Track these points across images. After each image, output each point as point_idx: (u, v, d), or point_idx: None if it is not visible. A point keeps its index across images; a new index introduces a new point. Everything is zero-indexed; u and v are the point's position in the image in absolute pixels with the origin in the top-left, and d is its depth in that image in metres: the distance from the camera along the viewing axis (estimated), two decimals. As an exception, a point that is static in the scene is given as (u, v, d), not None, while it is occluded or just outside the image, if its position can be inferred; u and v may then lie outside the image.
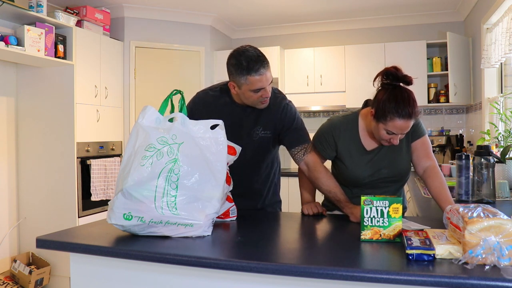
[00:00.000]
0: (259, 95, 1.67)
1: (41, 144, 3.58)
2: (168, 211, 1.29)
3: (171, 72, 4.46)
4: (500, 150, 2.62)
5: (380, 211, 1.27)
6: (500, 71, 3.53)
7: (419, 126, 1.72)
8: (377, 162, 1.71)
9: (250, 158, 1.81)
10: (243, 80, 1.63)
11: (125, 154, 1.37)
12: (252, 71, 1.60)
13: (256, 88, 1.64)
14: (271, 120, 1.79)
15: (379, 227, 1.27)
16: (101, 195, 3.73)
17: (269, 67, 1.66)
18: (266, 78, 1.63)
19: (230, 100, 1.80)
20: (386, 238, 1.27)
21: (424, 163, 1.70)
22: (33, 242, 1.68)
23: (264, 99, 1.69)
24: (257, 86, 1.63)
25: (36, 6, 3.24)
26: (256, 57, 1.62)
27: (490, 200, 1.89)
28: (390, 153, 1.71)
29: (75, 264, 1.36)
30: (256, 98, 1.68)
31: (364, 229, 1.28)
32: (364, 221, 1.28)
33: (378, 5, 4.31)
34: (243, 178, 1.79)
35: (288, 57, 4.73)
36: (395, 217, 1.27)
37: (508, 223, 1.00)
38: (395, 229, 1.26)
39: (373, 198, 1.28)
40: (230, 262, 1.10)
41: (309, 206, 1.75)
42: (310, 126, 1.99)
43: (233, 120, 1.74)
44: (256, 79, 1.61)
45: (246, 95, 1.68)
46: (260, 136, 1.80)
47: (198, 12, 4.47)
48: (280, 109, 1.78)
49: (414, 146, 1.72)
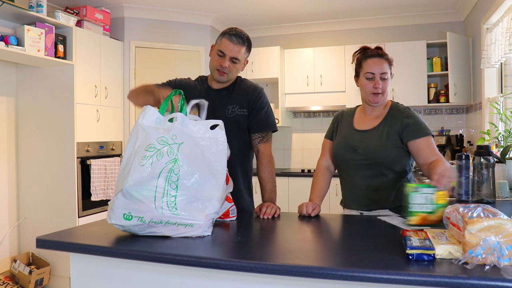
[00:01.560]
0: (219, 62, 1.81)
1: (41, 144, 3.58)
2: (168, 211, 1.29)
3: (171, 72, 4.43)
4: (500, 150, 2.62)
5: (426, 198, 1.35)
6: (500, 71, 3.53)
7: (419, 125, 1.72)
8: (358, 141, 1.79)
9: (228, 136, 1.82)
10: (218, 40, 1.84)
11: (125, 154, 1.37)
12: (227, 35, 1.81)
13: (221, 50, 1.80)
14: (246, 99, 1.89)
15: (425, 213, 1.35)
16: (101, 195, 3.73)
17: (244, 48, 1.82)
18: (233, 48, 1.79)
19: (207, 86, 1.94)
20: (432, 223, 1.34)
21: (431, 160, 1.66)
22: (33, 242, 1.68)
23: (220, 67, 1.81)
24: (222, 48, 1.80)
25: (36, 6, 3.24)
26: (239, 31, 1.83)
27: (490, 200, 1.89)
28: (373, 136, 1.77)
29: (75, 264, 1.36)
30: (216, 62, 1.82)
31: (411, 215, 1.36)
32: (410, 207, 1.36)
33: (378, 5, 4.31)
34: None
35: (288, 57, 4.73)
36: (441, 204, 1.35)
37: (508, 223, 1.00)
38: (441, 214, 1.32)
39: (419, 185, 1.37)
40: (230, 262, 1.10)
41: (303, 206, 1.73)
42: (310, 126, 2.01)
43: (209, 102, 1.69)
44: (226, 42, 1.80)
45: (212, 56, 1.85)
46: (236, 113, 1.87)
47: (198, 12, 4.47)
48: (256, 92, 1.91)
49: (417, 146, 1.70)
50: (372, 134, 1.78)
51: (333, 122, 1.96)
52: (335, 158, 1.88)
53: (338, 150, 1.84)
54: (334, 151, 1.87)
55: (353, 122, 1.87)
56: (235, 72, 1.86)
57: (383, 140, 1.74)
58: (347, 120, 1.90)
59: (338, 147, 1.85)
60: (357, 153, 1.76)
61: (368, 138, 1.78)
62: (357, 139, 1.80)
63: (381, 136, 1.75)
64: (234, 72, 1.85)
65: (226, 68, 1.81)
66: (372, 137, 1.77)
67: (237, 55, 1.81)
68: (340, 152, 1.83)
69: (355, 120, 1.88)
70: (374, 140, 1.76)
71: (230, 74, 1.84)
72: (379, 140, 1.75)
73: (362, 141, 1.78)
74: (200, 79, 1.99)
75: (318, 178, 1.91)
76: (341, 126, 1.91)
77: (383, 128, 1.77)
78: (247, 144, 1.93)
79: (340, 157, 1.84)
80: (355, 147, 1.78)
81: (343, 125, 1.90)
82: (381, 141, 1.75)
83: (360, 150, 1.76)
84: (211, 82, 1.94)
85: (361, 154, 1.76)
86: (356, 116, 1.89)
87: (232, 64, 1.82)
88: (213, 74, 1.86)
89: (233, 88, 1.91)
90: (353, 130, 1.84)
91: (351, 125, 1.87)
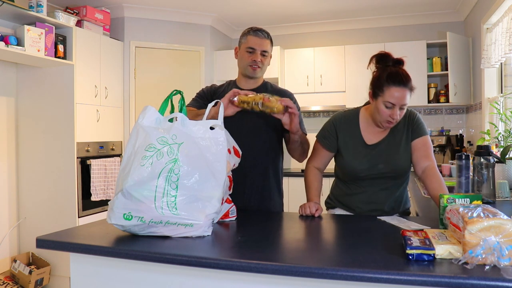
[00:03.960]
0: (250, 58, 1.87)
1: (41, 144, 3.58)
2: (168, 211, 1.29)
3: (171, 72, 4.46)
4: (500, 150, 2.62)
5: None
6: (500, 71, 3.53)
7: (421, 125, 1.74)
8: (375, 157, 1.73)
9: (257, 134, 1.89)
10: (243, 40, 1.91)
11: (125, 154, 1.37)
12: (252, 32, 1.89)
13: (249, 46, 1.86)
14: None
15: None
16: (101, 195, 3.73)
17: (269, 41, 1.90)
18: (260, 42, 1.87)
19: (236, 87, 1.93)
20: None
21: (423, 164, 1.70)
22: (33, 242, 1.68)
23: (253, 63, 1.87)
24: (250, 44, 1.86)
25: (36, 6, 3.24)
26: (260, 28, 1.91)
27: (490, 200, 1.89)
28: (389, 149, 1.73)
29: (75, 264, 1.36)
30: (247, 59, 1.87)
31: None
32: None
33: (378, 5, 4.31)
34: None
35: (288, 57, 4.73)
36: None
37: (508, 223, 1.00)
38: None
39: (455, 196, 1.35)
40: (230, 262, 1.10)
41: (305, 206, 1.72)
42: (310, 126, 2.01)
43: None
44: (253, 38, 1.87)
45: (241, 55, 1.90)
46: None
47: (198, 12, 4.47)
48: (289, 95, 1.95)
49: (414, 145, 1.72)
50: (387, 145, 1.74)
51: (330, 131, 1.81)
52: (351, 173, 1.77)
53: (357, 167, 1.74)
54: (350, 167, 1.76)
55: (362, 136, 1.77)
56: (266, 66, 1.93)
57: (401, 150, 1.72)
58: (353, 132, 1.78)
59: (355, 164, 1.75)
60: (377, 167, 1.73)
61: (385, 151, 1.73)
62: (375, 154, 1.73)
63: (396, 147, 1.73)
64: (265, 66, 1.92)
65: (259, 62, 1.87)
66: (388, 149, 1.73)
67: (266, 47, 1.88)
68: (360, 168, 1.74)
69: (363, 133, 1.77)
70: (393, 152, 1.73)
71: (263, 67, 1.91)
72: (397, 151, 1.72)
73: (380, 155, 1.73)
74: (228, 83, 2.02)
75: (312, 178, 1.85)
76: (345, 137, 1.79)
77: (394, 136, 1.75)
78: (278, 143, 1.97)
79: (358, 173, 1.75)
80: (374, 162, 1.73)
81: (347, 137, 1.78)
82: (399, 151, 1.72)
83: (380, 164, 1.72)
84: (240, 83, 1.97)
85: (382, 168, 1.72)
86: (362, 128, 1.78)
87: (263, 57, 1.89)
88: (246, 71, 1.90)
89: (262, 90, 1.90)
90: (365, 144, 1.76)
91: (360, 139, 1.77)
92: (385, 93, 1.60)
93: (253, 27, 1.92)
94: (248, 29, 1.92)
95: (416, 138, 1.72)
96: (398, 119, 1.63)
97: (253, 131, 1.89)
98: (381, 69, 1.66)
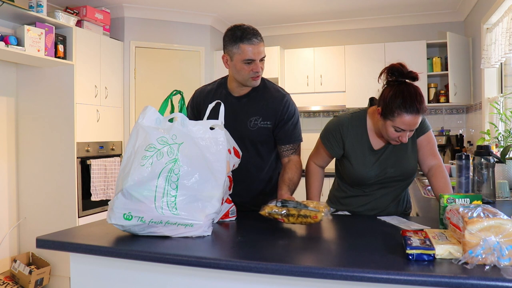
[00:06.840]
0: (250, 69, 1.66)
1: (41, 144, 3.58)
2: (168, 211, 1.29)
3: (171, 72, 4.46)
4: (500, 150, 2.62)
5: None
6: (500, 71, 3.53)
7: (423, 121, 1.70)
8: (383, 162, 1.68)
9: (250, 148, 1.79)
10: (235, 49, 1.65)
11: (125, 154, 1.37)
12: (245, 39, 1.63)
13: (247, 58, 1.64)
14: (272, 110, 1.76)
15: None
16: (101, 195, 3.73)
17: (263, 43, 1.68)
18: (258, 50, 1.65)
19: (226, 92, 1.81)
20: None
21: (430, 162, 1.69)
22: (33, 242, 1.68)
23: (255, 74, 1.68)
24: (248, 56, 1.64)
25: (36, 6, 3.24)
26: (250, 29, 1.66)
27: (490, 200, 1.89)
28: (396, 152, 1.69)
29: (75, 264, 1.36)
30: (247, 71, 1.67)
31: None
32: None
33: (378, 5, 4.31)
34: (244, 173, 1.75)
35: (288, 57, 4.73)
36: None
37: (508, 223, 1.00)
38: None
39: (455, 196, 1.34)
40: (230, 262, 1.10)
41: None
42: (310, 126, 1.99)
43: (228, 110, 1.67)
44: (247, 48, 1.63)
45: (238, 67, 1.67)
46: (259, 126, 1.76)
47: (198, 12, 4.47)
48: (283, 102, 1.77)
49: (420, 142, 1.71)
50: (394, 148, 1.69)
51: (335, 135, 1.71)
52: (359, 180, 1.70)
53: (366, 175, 1.68)
54: (359, 175, 1.69)
55: (371, 143, 1.70)
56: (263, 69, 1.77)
57: (409, 151, 1.69)
58: (360, 139, 1.70)
59: (364, 172, 1.68)
60: (387, 172, 1.69)
61: (393, 154, 1.69)
62: (383, 159, 1.68)
63: (404, 148, 1.68)
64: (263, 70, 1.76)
65: (260, 71, 1.70)
66: (396, 152, 1.69)
67: (263, 52, 1.69)
68: (369, 175, 1.68)
69: (370, 138, 1.70)
70: (401, 155, 1.68)
71: (262, 73, 1.75)
72: (405, 152, 1.69)
73: (388, 159, 1.68)
74: (219, 83, 1.86)
75: (314, 177, 1.82)
76: (352, 144, 1.70)
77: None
78: (271, 155, 1.87)
79: (367, 180, 1.69)
80: (383, 168, 1.68)
81: (355, 143, 1.70)
82: (407, 152, 1.69)
83: (389, 169, 1.68)
84: (231, 88, 1.80)
85: (392, 172, 1.69)
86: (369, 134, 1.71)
87: (263, 63, 1.72)
88: (248, 83, 1.72)
89: (255, 96, 1.78)
90: (372, 150, 1.69)
91: (368, 145, 1.69)
92: (396, 119, 1.49)
93: (243, 31, 1.64)
94: (237, 34, 1.64)
95: (421, 135, 1.69)
96: (406, 141, 1.56)
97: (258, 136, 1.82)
98: (395, 88, 1.52)
